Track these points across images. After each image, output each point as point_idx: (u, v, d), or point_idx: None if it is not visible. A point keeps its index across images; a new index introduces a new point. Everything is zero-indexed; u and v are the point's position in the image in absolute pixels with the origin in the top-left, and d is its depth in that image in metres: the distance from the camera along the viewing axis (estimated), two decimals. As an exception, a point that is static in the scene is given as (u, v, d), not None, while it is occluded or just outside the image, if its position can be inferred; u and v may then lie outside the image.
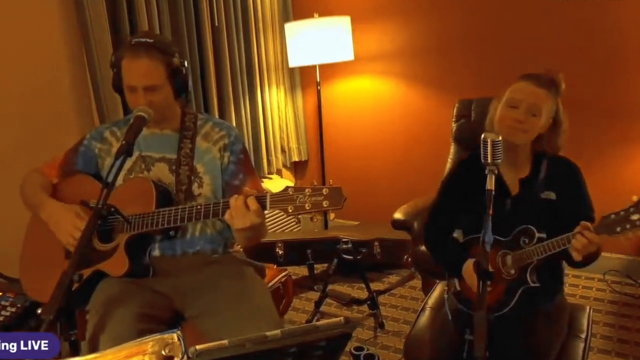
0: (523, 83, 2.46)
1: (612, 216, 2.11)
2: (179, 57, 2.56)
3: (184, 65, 2.58)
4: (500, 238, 2.42)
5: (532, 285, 2.38)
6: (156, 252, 2.56)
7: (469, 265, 2.49)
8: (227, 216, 2.21)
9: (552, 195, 2.50)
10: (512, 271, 2.42)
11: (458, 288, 2.61)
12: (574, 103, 3.98)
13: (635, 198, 2.08)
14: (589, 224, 2.17)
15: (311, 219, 2.28)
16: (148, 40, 2.48)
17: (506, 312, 2.40)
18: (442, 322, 2.61)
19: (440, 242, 2.72)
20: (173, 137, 2.66)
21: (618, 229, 2.09)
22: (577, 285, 4.54)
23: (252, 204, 2.15)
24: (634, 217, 2.07)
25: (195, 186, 2.59)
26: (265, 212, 2.20)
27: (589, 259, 2.28)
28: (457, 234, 2.69)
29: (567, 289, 4.27)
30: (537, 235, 2.36)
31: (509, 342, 2.33)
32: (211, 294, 2.47)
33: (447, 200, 2.74)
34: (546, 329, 2.44)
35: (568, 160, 2.59)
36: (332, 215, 5.64)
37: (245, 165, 2.69)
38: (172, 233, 2.55)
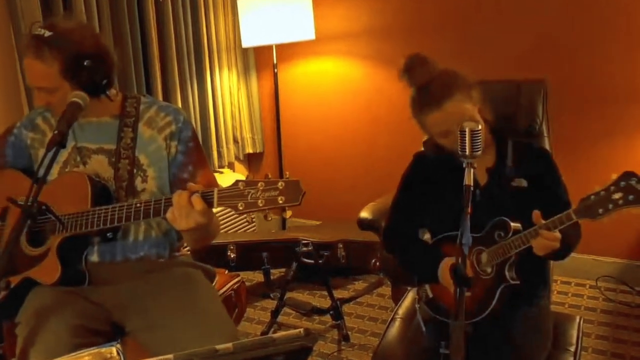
0: (430, 117, 2.49)
1: (592, 197, 2.13)
2: (90, 46, 2.43)
3: (87, 65, 2.41)
4: (473, 234, 2.41)
5: (512, 282, 2.39)
6: (94, 257, 2.53)
7: (445, 267, 2.48)
8: (169, 215, 2.17)
9: (523, 183, 2.54)
10: (489, 269, 2.44)
11: (430, 295, 2.62)
12: (560, 88, 4.04)
13: (614, 176, 2.10)
14: (539, 215, 2.23)
15: (265, 217, 2.26)
16: (45, 33, 2.37)
17: (485, 318, 2.40)
18: (415, 333, 2.63)
19: (406, 246, 2.73)
20: (112, 124, 2.61)
21: (600, 211, 2.11)
22: (566, 292, 4.58)
23: (197, 202, 2.10)
24: (616, 195, 2.08)
25: (138, 181, 2.56)
26: (214, 209, 2.18)
27: (566, 248, 2.33)
28: (425, 237, 2.71)
29: (555, 297, 4.31)
30: (512, 227, 2.37)
31: (488, 356, 2.36)
32: (154, 303, 2.47)
33: (408, 198, 2.75)
34: (529, 339, 2.46)
35: (536, 145, 2.63)
36: (289, 213, 5.63)
37: (195, 155, 2.65)
38: (109, 235, 2.51)
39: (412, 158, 2.83)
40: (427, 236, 2.71)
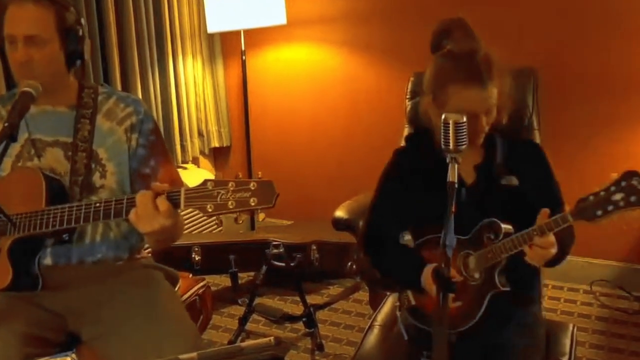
0: (473, 92, 2.39)
1: (591, 198, 2.11)
2: (75, 14, 2.54)
3: (80, 24, 2.55)
4: (460, 236, 2.37)
5: (503, 289, 2.37)
6: (47, 260, 2.52)
7: (428, 272, 2.45)
8: (131, 216, 2.17)
9: (514, 181, 2.52)
10: (477, 275, 2.41)
11: (413, 302, 2.60)
12: (552, 77, 4.05)
13: (615, 175, 2.09)
14: (547, 212, 2.21)
15: (236, 220, 2.25)
16: None
17: (472, 326, 2.39)
18: (395, 342, 2.62)
19: (386, 250, 2.71)
20: (68, 115, 2.61)
21: (599, 213, 2.09)
22: (558, 298, 4.60)
23: (162, 203, 2.11)
24: (616, 196, 2.07)
25: (96, 176, 2.56)
26: (179, 210, 2.18)
27: (561, 254, 2.33)
28: (406, 239, 2.70)
29: (546, 303, 4.32)
30: (503, 229, 2.34)
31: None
32: (112, 309, 2.47)
33: (389, 197, 2.73)
34: (519, 349, 2.46)
35: (529, 140, 2.63)
36: (262, 216, 5.62)
37: (157, 148, 2.67)
38: (65, 236, 2.51)
39: (392, 154, 2.80)
40: (407, 238, 2.69)
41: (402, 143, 3.98)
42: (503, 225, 2.35)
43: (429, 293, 2.46)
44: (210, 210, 2.03)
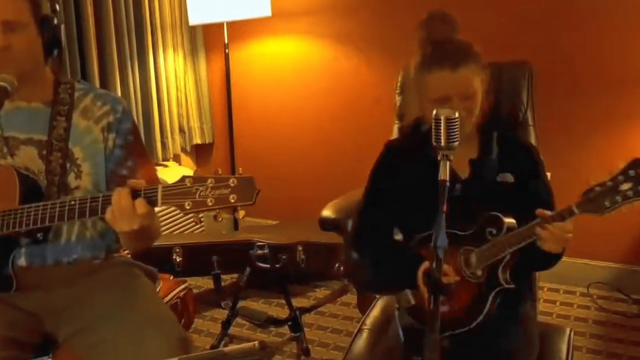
0: (437, 76, 2.48)
1: (598, 189, 2.12)
2: (50, 0, 2.54)
3: (56, 10, 2.54)
4: (460, 232, 2.42)
5: (507, 286, 2.37)
6: (21, 261, 2.52)
7: (420, 271, 2.43)
8: (108, 215, 2.17)
9: (509, 178, 2.55)
10: (479, 272, 2.42)
11: (413, 302, 2.55)
12: (548, 71, 4.06)
13: (622, 164, 2.10)
14: (546, 212, 2.22)
15: (215, 218, 2.25)
16: None
17: (473, 328, 2.39)
18: (389, 345, 2.61)
19: (380, 248, 2.70)
20: (43, 112, 2.59)
21: (607, 204, 2.10)
22: (554, 301, 4.60)
23: (139, 201, 2.11)
24: (624, 186, 2.08)
25: (71, 176, 2.55)
26: (157, 209, 2.18)
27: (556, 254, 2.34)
28: (397, 237, 2.70)
29: (541, 306, 4.32)
30: (506, 223, 2.35)
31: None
32: (90, 307, 2.47)
33: (380, 193, 2.74)
34: (514, 351, 2.46)
35: (522, 139, 2.64)
36: (242, 214, 5.62)
37: (135, 149, 2.66)
38: (39, 236, 2.51)
39: (383, 147, 2.81)
40: (398, 237, 2.70)
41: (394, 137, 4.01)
42: (506, 220, 2.36)
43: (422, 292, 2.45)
44: (188, 207, 2.04)
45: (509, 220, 2.35)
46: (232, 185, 2.00)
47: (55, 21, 2.53)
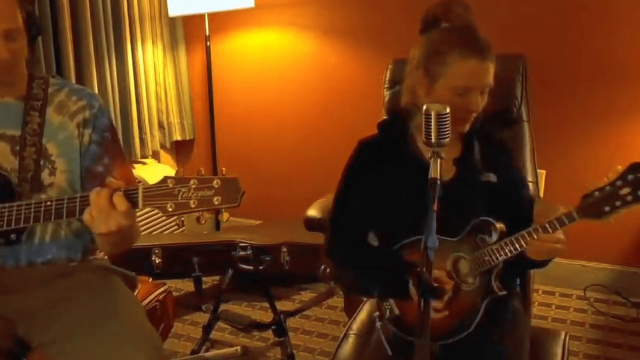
0: (473, 62, 2.42)
1: (596, 193, 2.14)
2: None
3: (34, 6, 2.54)
4: (446, 238, 2.38)
5: (499, 293, 2.38)
6: (-7, 263, 2.52)
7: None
8: (86, 216, 2.17)
9: (492, 178, 2.55)
10: (470, 280, 2.41)
11: (396, 312, 2.54)
12: (542, 65, 4.06)
13: (620, 168, 2.11)
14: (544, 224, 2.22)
15: (198, 220, 2.24)
16: None
17: (464, 337, 2.39)
18: (374, 353, 2.61)
19: (357, 254, 2.68)
20: (16, 107, 2.59)
21: (607, 209, 2.12)
22: (549, 304, 4.61)
23: (120, 202, 2.11)
24: (624, 191, 2.10)
25: (45, 173, 2.55)
26: (137, 210, 2.18)
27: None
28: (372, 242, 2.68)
29: (536, 309, 4.33)
30: (498, 228, 2.35)
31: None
32: (65, 312, 2.46)
33: (354, 195, 2.69)
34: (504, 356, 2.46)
35: (497, 136, 2.64)
36: (226, 216, 5.61)
37: (112, 147, 2.66)
38: (13, 237, 2.49)
39: (356, 145, 2.75)
40: (374, 243, 2.68)
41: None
42: (498, 225, 2.36)
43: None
44: (170, 209, 2.04)
45: (501, 226, 2.36)
46: (216, 186, 2.01)
47: (37, 13, 2.53)
